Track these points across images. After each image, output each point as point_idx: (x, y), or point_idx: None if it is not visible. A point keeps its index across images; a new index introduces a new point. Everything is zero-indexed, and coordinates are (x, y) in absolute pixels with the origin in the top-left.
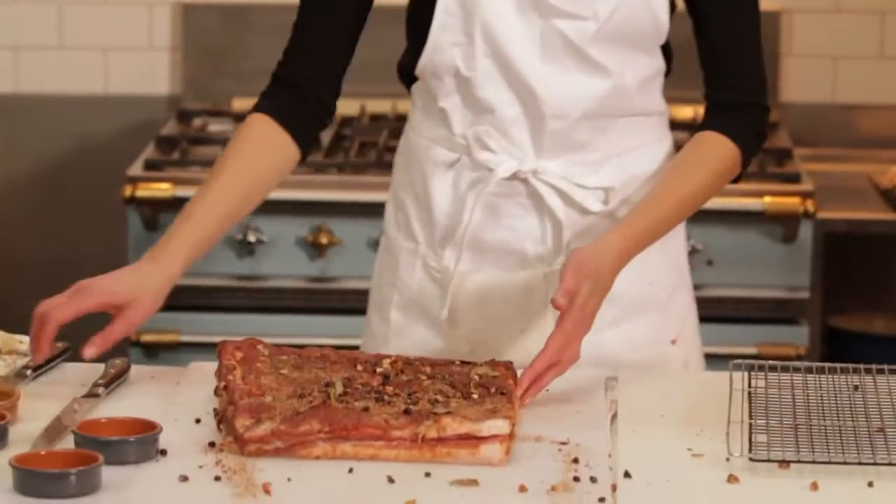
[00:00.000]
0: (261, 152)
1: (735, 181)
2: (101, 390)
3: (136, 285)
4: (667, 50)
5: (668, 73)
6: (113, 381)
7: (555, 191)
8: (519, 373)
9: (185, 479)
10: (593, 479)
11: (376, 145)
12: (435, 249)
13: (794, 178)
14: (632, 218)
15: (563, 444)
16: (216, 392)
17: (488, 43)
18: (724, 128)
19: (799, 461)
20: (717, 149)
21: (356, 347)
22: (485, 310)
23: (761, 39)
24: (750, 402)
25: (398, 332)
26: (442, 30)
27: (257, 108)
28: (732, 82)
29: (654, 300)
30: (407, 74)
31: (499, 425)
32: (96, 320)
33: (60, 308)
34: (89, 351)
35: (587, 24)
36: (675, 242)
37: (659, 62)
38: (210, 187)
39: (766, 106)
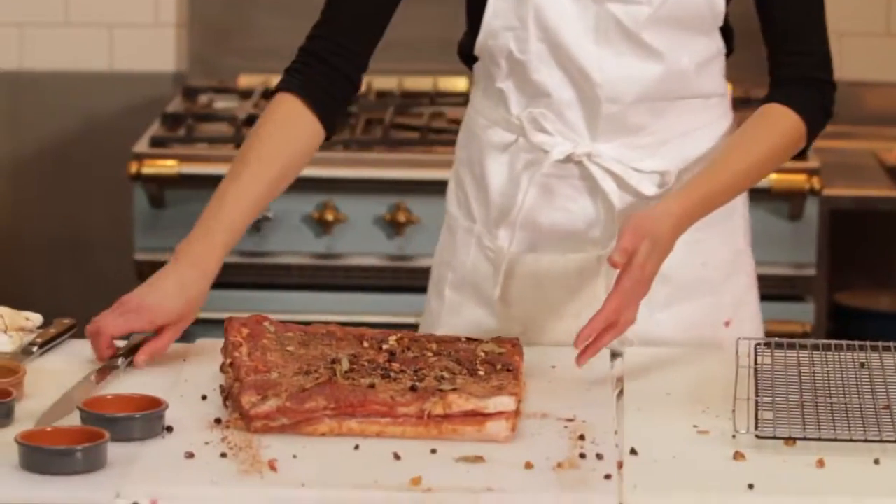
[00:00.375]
0: (290, 137)
1: (800, 156)
2: (120, 361)
3: (183, 299)
4: (726, 30)
5: (729, 53)
6: (133, 351)
7: (609, 174)
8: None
9: (190, 455)
10: (599, 456)
11: (382, 122)
12: (490, 229)
13: (800, 155)
14: (691, 186)
15: (570, 420)
16: (222, 369)
17: (541, 27)
18: (789, 100)
19: (805, 438)
20: (781, 121)
21: (362, 324)
22: (537, 291)
23: (825, 15)
24: (756, 379)
25: (452, 310)
26: (495, 15)
27: (285, 86)
28: (797, 59)
29: (707, 282)
30: (467, 55)
31: (504, 402)
32: (102, 300)
33: (112, 325)
34: (142, 359)
35: (641, 8)
36: (733, 226)
37: (718, 43)
38: (241, 176)
39: (831, 82)
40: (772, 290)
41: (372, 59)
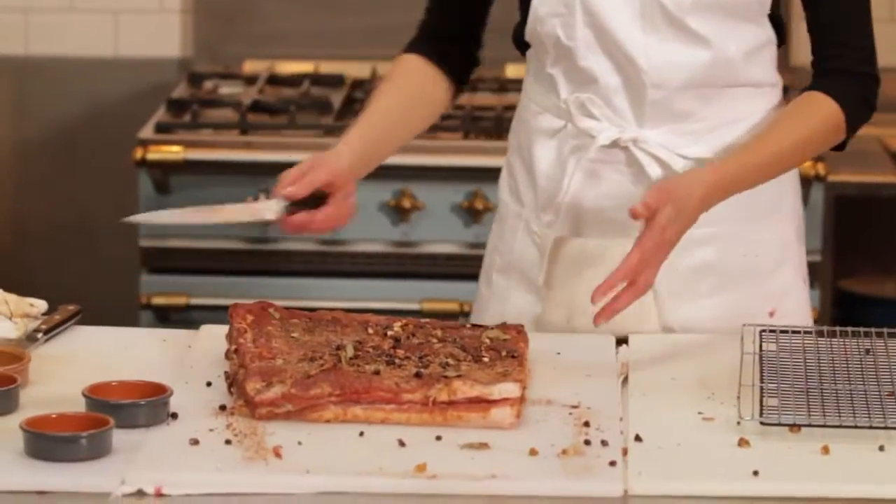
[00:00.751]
0: (419, 75)
1: (839, 148)
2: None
3: (338, 161)
4: (777, 20)
5: (781, 44)
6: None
7: (655, 160)
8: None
9: (195, 442)
10: (604, 443)
11: None
12: (537, 213)
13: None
14: (726, 161)
15: (574, 407)
16: (227, 355)
17: (587, 13)
18: (830, 90)
19: (810, 425)
20: (822, 108)
21: (367, 311)
22: (582, 275)
23: (871, 9)
24: (761, 366)
25: (499, 296)
26: (541, 2)
27: (407, 50)
28: (840, 51)
29: (753, 272)
30: (520, 42)
31: (509, 388)
32: (107, 286)
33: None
34: (290, 189)
35: None
36: (782, 217)
37: (767, 32)
38: (374, 106)
39: (875, 76)
40: None
41: (377, 46)
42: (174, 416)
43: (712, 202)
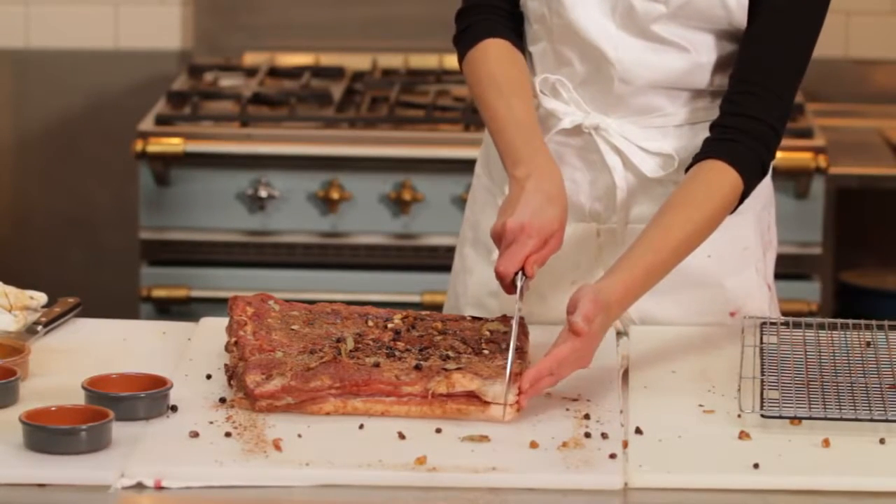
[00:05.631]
0: (517, 59)
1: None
2: (519, 279)
3: (555, 207)
4: None
5: None
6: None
7: (614, 150)
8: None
9: (195, 434)
10: (604, 436)
11: (388, 100)
12: (502, 188)
13: (806, 134)
14: (630, 262)
15: (574, 400)
16: (227, 348)
17: (561, 6)
18: (731, 157)
19: (810, 418)
20: (720, 185)
21: (367, 303)
22: None
23: (805, 68)
24: (762, 358)
25: (467, 268)
26: None
27: (473, 43)
28: (754, 101)
29: (711, 274)
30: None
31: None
32: (107, 278)
33: (508, 265)
34: (532, 268)
35: (657, 6)
36: (743, 223)
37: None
38: (513, 104)
39: (780, 134)
40: (778, 268)
41: (378, 38)
42: (174, 408)
43: (626, 307)
